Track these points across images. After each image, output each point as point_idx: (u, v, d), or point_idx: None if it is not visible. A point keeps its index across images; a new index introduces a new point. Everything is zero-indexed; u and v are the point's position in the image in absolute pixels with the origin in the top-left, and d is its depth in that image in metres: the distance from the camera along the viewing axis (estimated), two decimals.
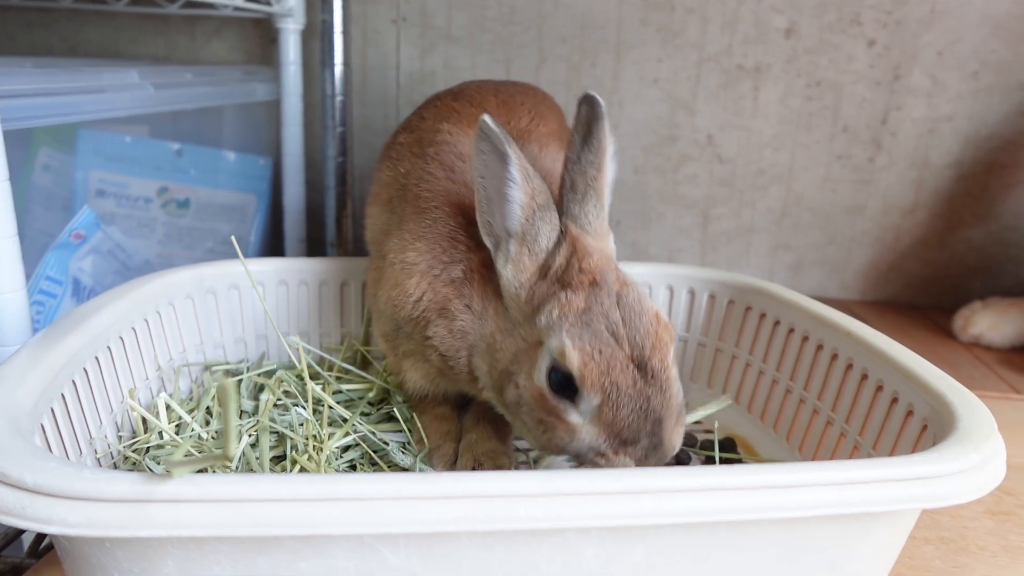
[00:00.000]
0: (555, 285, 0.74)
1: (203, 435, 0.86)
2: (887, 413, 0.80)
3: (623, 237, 1.76)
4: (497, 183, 0.75)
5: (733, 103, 1.66)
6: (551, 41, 1.63)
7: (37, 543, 0.78)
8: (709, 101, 1.66)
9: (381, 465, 0.86)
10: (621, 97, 1.66)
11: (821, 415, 0.92)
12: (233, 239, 0.96)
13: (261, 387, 1.01)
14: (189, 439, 0.84)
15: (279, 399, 0.95)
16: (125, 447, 0.81)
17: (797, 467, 0.58)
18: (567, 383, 0.70)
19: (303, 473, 0.72)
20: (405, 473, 0.55)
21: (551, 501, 0.54)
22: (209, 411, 0.93)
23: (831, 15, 1.60)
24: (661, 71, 1.65)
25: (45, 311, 1.07)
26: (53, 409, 0.68)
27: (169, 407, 0.87)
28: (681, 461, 0.96)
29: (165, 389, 0.94)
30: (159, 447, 0.82)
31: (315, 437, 0.87)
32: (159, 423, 0.83)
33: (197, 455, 0.77)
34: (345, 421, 0.91)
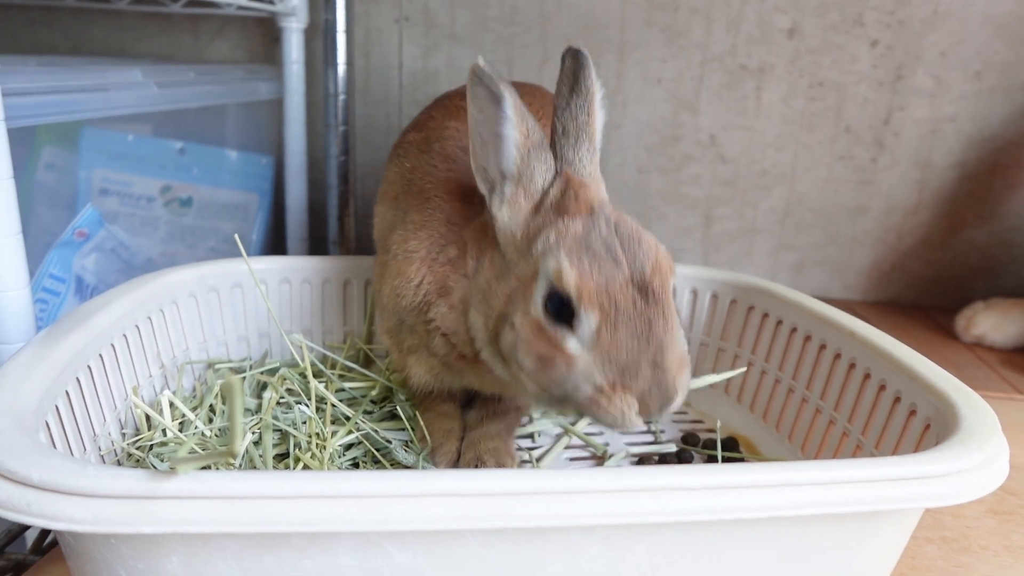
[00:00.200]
0: (551, 214, 0.74)
1: (206, 432, 0.86)
2: (890, 413, 0.81)
3: None
4: (492, 125, 0.74)
5: (736, 103, 1.66)
6: (554, 41, 1.63)
7: (41, 539, 0.78)
8: (712, 101, 1.66)
9: (384, 463, 0.86)
10: (624, 97, 1.66)
11: (824, 415, 0.92)
12: (236, 237, 0.96)
13: (264, 385, 1.01)
14: (193, 436, 0.84)
15: (282, 397, 0.96)
16: (129, 444, 0.81)
17: (800, 466, 0.58)
18: (564, 307, 0.68)
19: (308, 471, 0.72)
20: (410, 471, 0.55)
21: (554, 499, 0.54)
22: (212, 409, 0.93)
23: (834, 15, 1.60)
24: (665, 71, 1.65)
25: (48, 309, 1.07)
26: (57, 406, 0.68)
27: (172, 404, 0.88)
28: (683, 461, 0.96)
29: (168, 387, 0.94)
30: (163, 444, 0.82)
31: (318, 435, 0.87)
32: (163, 420, 0.84)
33: (201, 452, 0.77)
34: (348, 419, 0.91)
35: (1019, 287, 1.68)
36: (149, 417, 0.84)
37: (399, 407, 0.95)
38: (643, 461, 0.96)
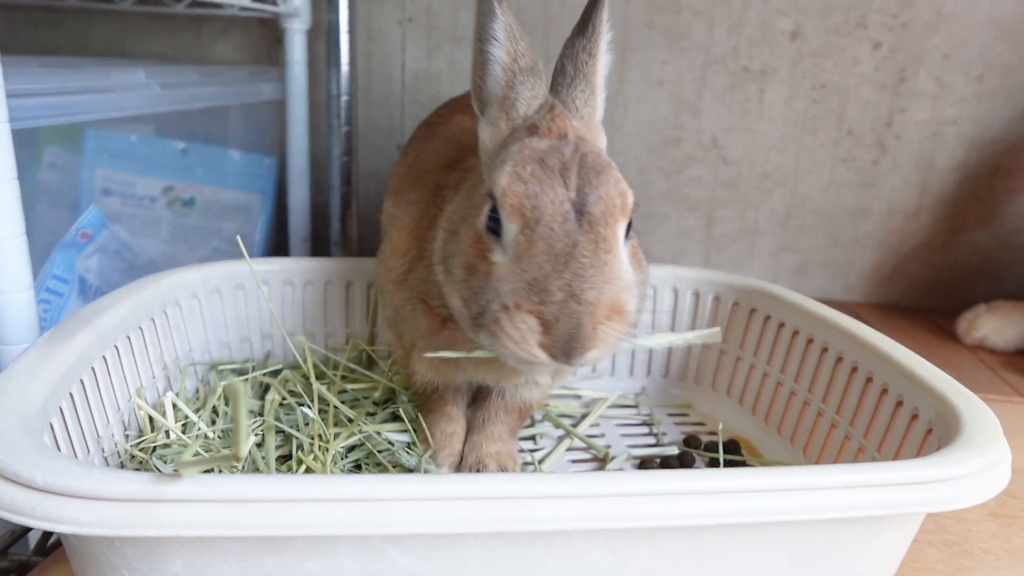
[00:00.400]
0: (523, 131, 0.71)
1: (209, 434, 0.86)
2: (892, 416, 0.81)
3: None
4: (483, 44, 0.73)
5: (738, 105, 1.66)
6: (557, 42, 1.62)
7: (44, 541, 0.78)
8: (714, 103, 1.66)
9: (386, 465, 0.86)
10: (626, 98, 1.67)
11: (825, 418, 0.92)
12: (239, 239, 0.96)
13: (266, 387, 1.01)
14: (196, 439, 0.84)
15: (284, 399, 0.96)
16: (132, 446, 0.81)
17: (802, 471, 0.59)
18: (498, 216, 0.66)
19: (311, 474, 0.72)
20: (412, 474, 0.55)
21: (557, 503, 0.54)
22: (215, 410, 0.93)
23: (837, 18, 1.60)
24: (666, 72, 1.65)
25: (52, 310, 1.07)
26: (62, 408, 0.68)
27: (176, 406, 0.88)
28: (685, 463, 0.96)
29: (171, 388, 0.94)
30: (166, 446, 0.82)
31: (320, 437, 0.87)
32: (166, 422, 0.84)
33: (205, 455, 0.77)
34: (351, 421, 0.91)
35: (1020, 290, 1.68)
36: (152, 419, 0.85)
37: (401, 409, 0.95)
38: (645, 463, 0.96)
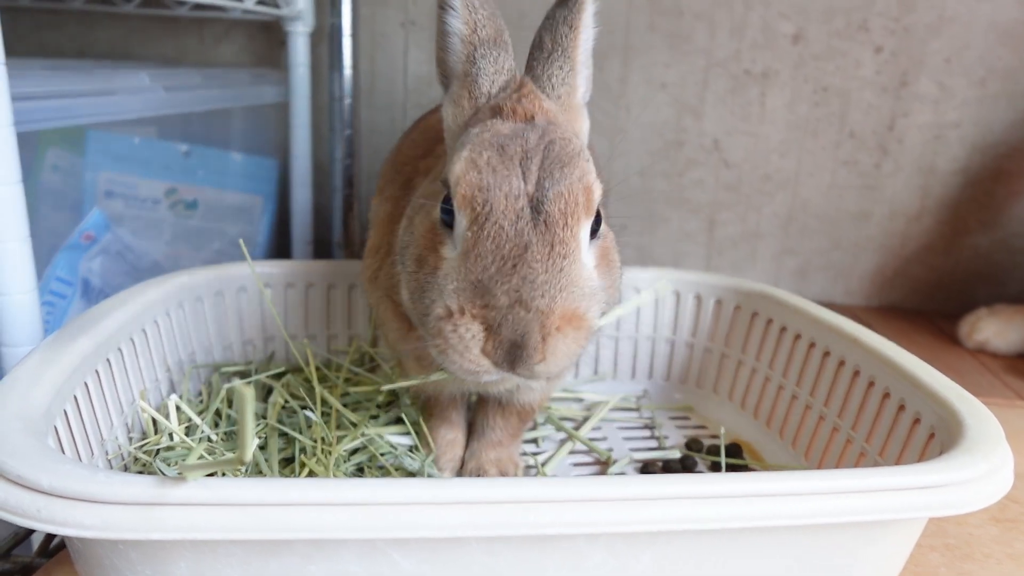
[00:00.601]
0: (486, 113, 0.66)
1: (213, 437, 0.86)
2: (894, 420, 0.81)
3: (628, 241, 1.76)
4: (444, 13, 0.68)
5: (740, 108, 1.66)
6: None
7: (47, 543, 0.78)
8: (716, 106, 1.66)
9: (388, 469, 0.86)
10: (628, 101, 1.67)
11: (827, 421, 0.92)
12: (241, 243, 0.96)
13: (269, 389, 1.01)
14: (200, 442, 0.84)
15: (287, 402, 0.96)
16: (135, 449, 0.81)
17: (805, 475, 0.59)
18: (452, 207, 0.61)
19: (314, 477, 0.72)
20: (416, 478, 0.55)
21: (560, 507, 0.54)
22: (219, 413, 0.93)
23: (839, 21, 1.60)
24: (669, 76, 1.65)
25: (55, 312, 1.07)
26: (66, 411, 0.68)
27: (179, 409, 0.88)
28: (687, 467, 0.96)
29: (175, 391, 0.94)
30: (169, 449, 0.82)
31: (323, 440, 0.87)
32: (170, 425, 0.84)
33: (209, 458, 0.77)
34: (355, 425, 0.91)
35: (1022, 293, 1.68)
36: (156, 421, 0.85)
37: (404, 412, 0.95)
38: (647, 467, 0.96)
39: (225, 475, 0.68)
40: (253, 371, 1.04)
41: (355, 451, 0.89)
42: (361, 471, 0.87)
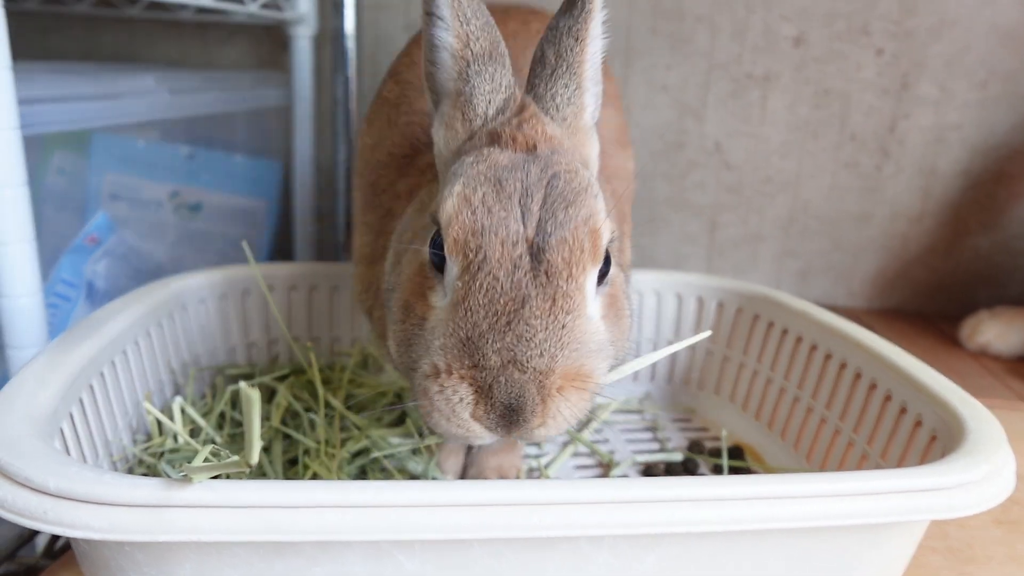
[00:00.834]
0: (483, 139, 0.59)
1: (217, 439, 0.87)
2: (896, 423, 0.81)
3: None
4: (430, 27, 0.61)
5: (741, 110, 1.66)
6: None
7: (52, 544, 0.79)
8: (717, 108, 1.67)
9: (391, 471, 0.87)
10: (629, 103, 1.67)
11: (829, 424, 0.92)
12: (245, 245, 0.97)
13: (273, 391, 1.01)
14: (207, 446, 0.85)
15: (290, 404, 0.96)
16: (140, 450, 0.82)
17: (807, 478, 0.59)
18: (442, 249, 0.55)
19: (319, 480, 0.73)
20: (420, 481, 0.56)
21: (563, 509, 0.54)
22: (223, 415, 0.93)
23: (840, 24, 1.60)
24: (670, 78, 1.65)
25: (60, 314, 1.08)
26: (72, 413, 0.69)
27: (184, 411, 0.88)
28: (689, 470, 0.96)
29: (179, 393, 0.95)
30: (174, 451, 0.83)
31: (327, 442, 0.87)
32: (175, 427, 0.84)
33: (215, 461, 0.78)
34: (359, 429, 0.91)
35: (1023, 295, 1.68)
36: (160, 423, 0.85)
37: (410, 415, 0.96)
38: (649, 469, 0.96)
39: (230, 477, 0.68)
40: (257, 373, 1.04)
41: (358, 453, 0.89)
42: (364, 473, 0.87)
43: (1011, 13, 1.56)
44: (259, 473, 0.81)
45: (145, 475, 0.74)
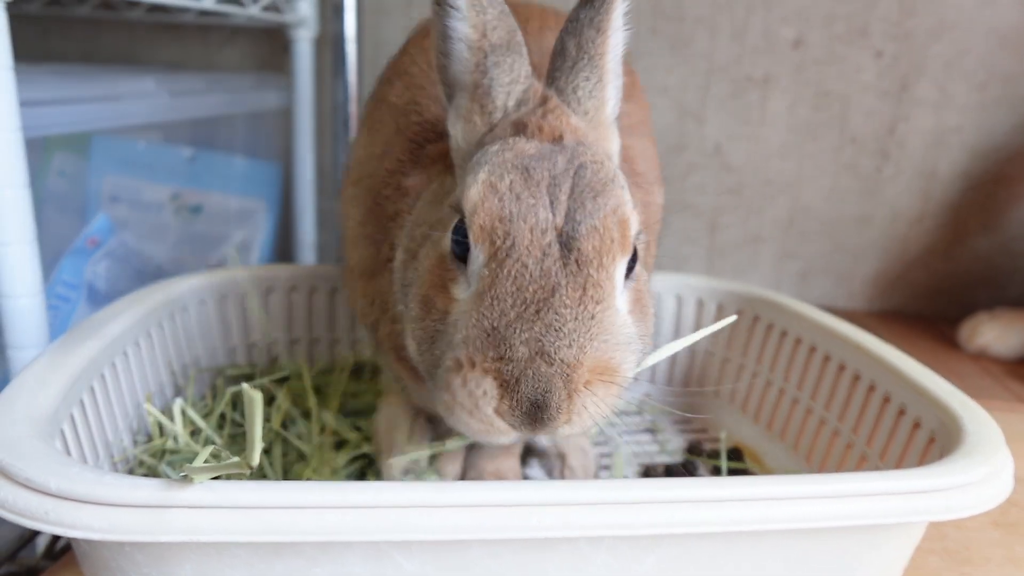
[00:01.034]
0: (507, 129, 0.58)
1: (217, 441, 0.87)
2: (894, 425, 0.81)
3: None
4: (442, 16, 0.59)
5: (741, 113, 1.67)
6: None
7: (52, 545, 0.79)
8: (717, 110, 1.67)
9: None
10: None
11: (828, 426, 0.92)
12: (233, 251, 0.96)
13: (272, 393, 1.02)
14: (207, 448, 0.85)
15: (289, 409, 0.96)
16: (141, 451, 0.82)
17: (806, 479, 0.59)
18: (466, 238, 0.53)
19: (319, 481, 0.73)
20: (419, 482, 0.56)
21: (563, 510, 0.55)
22: (223, 416, 0.94)
23: (839, 26, 1.60)
24: (670, 80, 1.66)
25: (60, 316, 1.08)
26: (73, 414, 0.69)
27: (184, 412, 0.88)
28: (689, 471, 0.96)
29: (180, 394, 0.95)
30: (174, 452, 0.83)
31: (321, 445, 0.88)
32: (175, 428, 0.84)
33: (215, 462, 0.78)
34: (359, 430, 0.92)
35: (1022, 297, 1.68)
36: (161, 424, 0.85)
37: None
38: (649, 471, 0.96)
39: (230, 478, 0.68)
40: (257, 374, 1.05)
41: (356, 458, 0.89)
42: (363, 475, 0.87)
43: (1010, 15, 1.57)
44: (259, 475, 0.82)
45: (146, 476, 0.74)
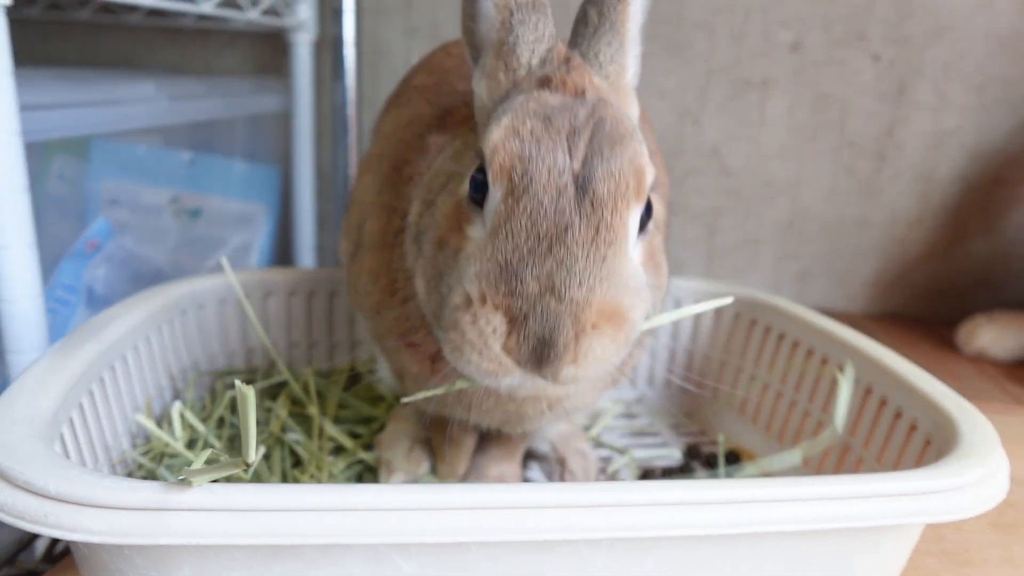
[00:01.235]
0: (531, 82, 0.59)
1: (216, 444, 0.87)
2: (891, 427, 0.81)
3: None
4: None
5: (740, 115, 1.67)
6: None
7: (51, 548, 0.79)
8: (716, 113, 1.67)
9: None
10: None
11: (825, 428, 0.92)
12: (224, 260, 0.96)
13: (272, 395, 1.02)
14: (205, 451, 0.85)
15: (288, 414, 0.96)
16: (140, 454, 0.82)
17: (804, 481, 0.59)
18: (485, 179, 0.55)
19: (318, 483, 0.73)
20: (419, 484, 0.56)
21: (562, 512, 0.55)
22: (222, 420, 0.94)
23: (838, 30, 1.61)
24: (668, 83, 1.66)
25: (60, 319, 1.08)
26: (72, 418, 0.69)
27: (183, 416, 0.89)
28: (687, 473, 0.96)
29: (179, 397, 0.95)
30: (173, 455, 0.83)
31: (322, 450, 0.88)
32: (170, 440, 0.84)
33: (214, 464, 0.78)
34: (356, 437, 0.92)
35: (1020, 299, 1.68)
36: (160, 427, 0.85)
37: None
38: (647, 473, 0.96)
39: (229, 480, 0.68)
40: (257, 378, 1.05)
41: (356, 462, 0.89)
42: (360, 478, 0.87)
43: (1008, 18, 1.57)
44: (258, 480, 0.82)
45: (144, 479, 0.74)
